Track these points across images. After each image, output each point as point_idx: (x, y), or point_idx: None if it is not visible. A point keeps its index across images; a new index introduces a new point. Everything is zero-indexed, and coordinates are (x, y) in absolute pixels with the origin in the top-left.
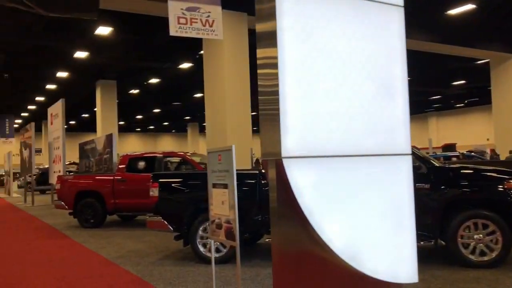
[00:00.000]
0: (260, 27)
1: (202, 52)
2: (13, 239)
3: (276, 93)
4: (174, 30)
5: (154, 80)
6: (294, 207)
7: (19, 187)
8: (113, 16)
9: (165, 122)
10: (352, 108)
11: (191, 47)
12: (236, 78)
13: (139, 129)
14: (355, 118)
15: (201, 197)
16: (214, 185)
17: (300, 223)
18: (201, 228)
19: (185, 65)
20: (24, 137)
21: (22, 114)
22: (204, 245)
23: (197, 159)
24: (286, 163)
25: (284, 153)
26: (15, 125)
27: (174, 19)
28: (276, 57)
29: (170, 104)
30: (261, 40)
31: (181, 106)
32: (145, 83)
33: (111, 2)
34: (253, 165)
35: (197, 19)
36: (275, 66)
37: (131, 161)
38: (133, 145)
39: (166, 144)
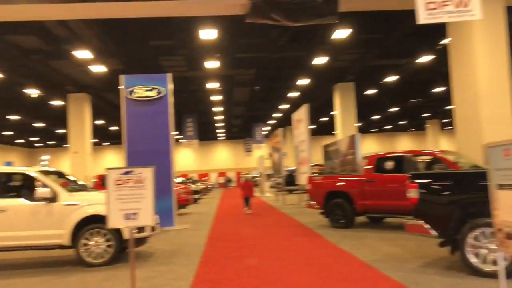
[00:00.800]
0: None
1: (444, 41)
2: (273, 235)
3: None
4: (423, 17)
5: (390, 78)
6: None
7: (271, 187)
8: (350, 17)
9: (402, 121)
10: None
11: (431, 38)
12: (492, 64)
13: (375, 130)
14: None
15: (470, 200)
16: (501, 186)
17: None
18: (471, 236)
19: (424, 59)
20: (273, 142)
21: (269, 121)
22: (477, 255)
23: (450, 158)
24: None
25: None
26: (264, 132)
27: (422, 6)
28: None
29: (408, 101)
30: None
31: (419, 103)
32: (382, 82)
33: (349, 4)
34: None
35: (449, 1)
36: None
37: (378, 161)
38: (370, 146)
39: (403, 144)
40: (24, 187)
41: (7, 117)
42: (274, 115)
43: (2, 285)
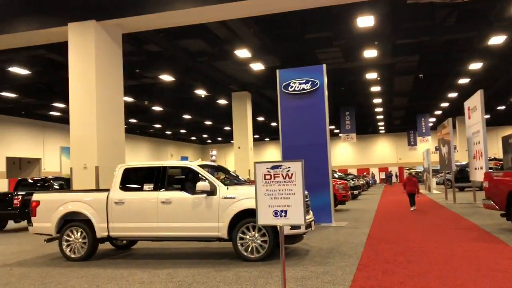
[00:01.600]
0: None
1: None
2: (442, 238)
3: None
4: None
5: None
6: None
7: (438, 183)
8: None
9: None
10: None
11: None
12: None
13: None
14: None
15: None
16: None
17: None
18: None
19: None
20: (441, 134)
21: (435, 112)
22: None
23: None
24: None
25: None
26: (430, 123)
27: None
28: None
29: None
30: None
31: None
32: None
33: None
34: None
35: None
36: None
37: None
38: None
39: None
40: (187, 180)
41: (182, 116)
42: (441, 105)
43: (166, 273)
